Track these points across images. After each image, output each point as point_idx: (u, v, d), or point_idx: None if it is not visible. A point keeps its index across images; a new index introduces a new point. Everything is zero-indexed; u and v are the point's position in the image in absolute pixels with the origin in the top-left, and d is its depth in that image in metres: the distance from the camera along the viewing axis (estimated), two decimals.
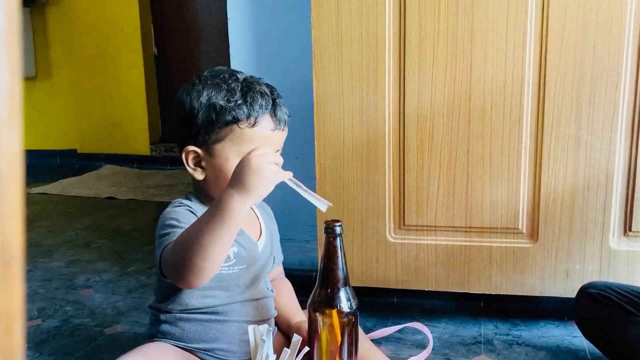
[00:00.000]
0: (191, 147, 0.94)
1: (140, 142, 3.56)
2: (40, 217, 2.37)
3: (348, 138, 1.22)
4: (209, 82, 0.95)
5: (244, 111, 0.91)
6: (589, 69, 1.12)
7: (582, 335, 1.15)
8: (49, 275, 1.69)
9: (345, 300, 0.88)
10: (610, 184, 1.15)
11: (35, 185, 2.93)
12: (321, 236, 1.26)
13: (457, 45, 1.15)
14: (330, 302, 0.88)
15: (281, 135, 0.96)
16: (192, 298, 0.95)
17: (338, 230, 0.87)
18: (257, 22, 1.47)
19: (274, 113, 0.94)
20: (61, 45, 3.60)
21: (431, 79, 1.17)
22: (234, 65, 1.49)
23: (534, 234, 1.20)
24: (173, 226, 0.90)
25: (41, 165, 3.56)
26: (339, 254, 0.88)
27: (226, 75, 0.96)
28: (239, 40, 1.49)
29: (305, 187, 0.91)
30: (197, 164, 0.96)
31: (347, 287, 0.89)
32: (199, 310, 0.95)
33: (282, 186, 0.88)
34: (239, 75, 0.96)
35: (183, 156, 0.96)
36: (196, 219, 0.91)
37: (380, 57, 1.18)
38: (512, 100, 1.16)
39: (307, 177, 0.93)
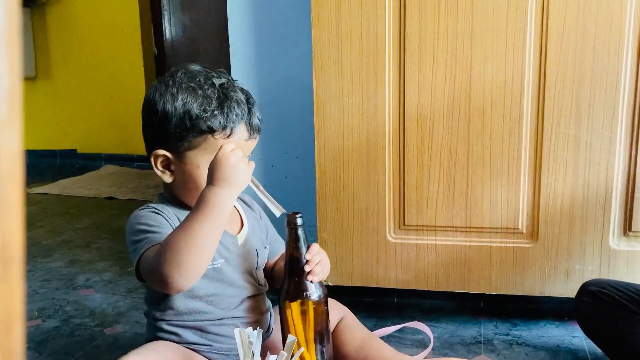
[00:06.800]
0: (161, 152, 0.93)
1: (140, 142, 3.51)
2: (40, 217, 2.37)
3: (348, 138, 1.22)
4: (184, 85, 0.90)
5: (219, 122, 0.89)
6: (589, 69, 1.12)
7: (582, 335, 1.15)
8: (49, 275, 1.69)
9: (312, 289, 0.91)
10: (610, 184, 1.15)
11: (35, 185, 2.93)
12: (321, 236, 1.27)
13: (457, 45, 1.15)
14: (297, 291, 0.91)
15: (253, 143, 0.95)
16: (180, 300, 0.93)
17: (299, 221, 0.92)
18: (257, 22, 1.47)
19: (249, 122, 0.92)
20: (61, 45, 3.60)
21: (431, 79, 1.17)
22: (234, 65, 1.49)
23: (534, 234, 1.20)
24: (145, 231, 0.89)
25: (41, 165, 3.56)
26: (302, 245, 0.91)
27: (202, 79, 0.91)
28: (239, 40, 1.49)
29: (263, 190, 0.93)
30: (166, 166, 0.94)
31: None
32: (192, 318, 0.94)
33: (281, 185, 0.88)
34: (215, 80, 0.92)
35: (152, 159, 0.94)
36: (164, 220, 0.90)
37: (380, 57, 1.18)
38: (512, 100, 1.16)
39: (307, 177, 0.93)
